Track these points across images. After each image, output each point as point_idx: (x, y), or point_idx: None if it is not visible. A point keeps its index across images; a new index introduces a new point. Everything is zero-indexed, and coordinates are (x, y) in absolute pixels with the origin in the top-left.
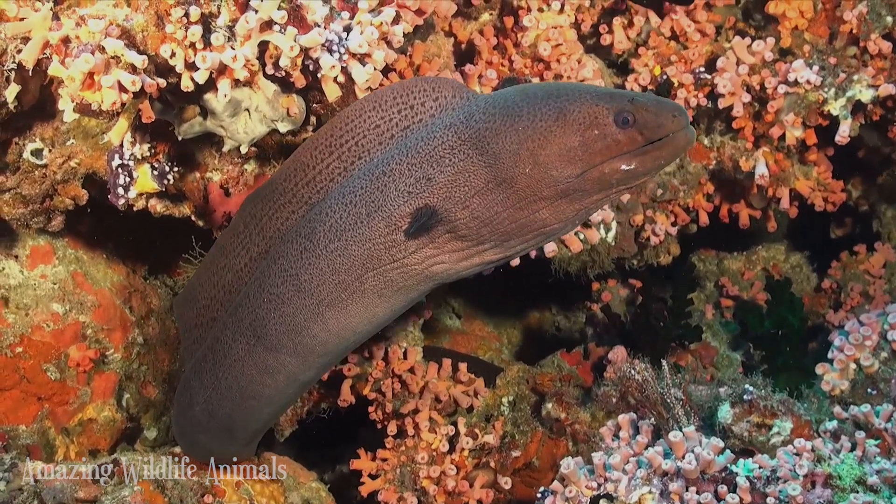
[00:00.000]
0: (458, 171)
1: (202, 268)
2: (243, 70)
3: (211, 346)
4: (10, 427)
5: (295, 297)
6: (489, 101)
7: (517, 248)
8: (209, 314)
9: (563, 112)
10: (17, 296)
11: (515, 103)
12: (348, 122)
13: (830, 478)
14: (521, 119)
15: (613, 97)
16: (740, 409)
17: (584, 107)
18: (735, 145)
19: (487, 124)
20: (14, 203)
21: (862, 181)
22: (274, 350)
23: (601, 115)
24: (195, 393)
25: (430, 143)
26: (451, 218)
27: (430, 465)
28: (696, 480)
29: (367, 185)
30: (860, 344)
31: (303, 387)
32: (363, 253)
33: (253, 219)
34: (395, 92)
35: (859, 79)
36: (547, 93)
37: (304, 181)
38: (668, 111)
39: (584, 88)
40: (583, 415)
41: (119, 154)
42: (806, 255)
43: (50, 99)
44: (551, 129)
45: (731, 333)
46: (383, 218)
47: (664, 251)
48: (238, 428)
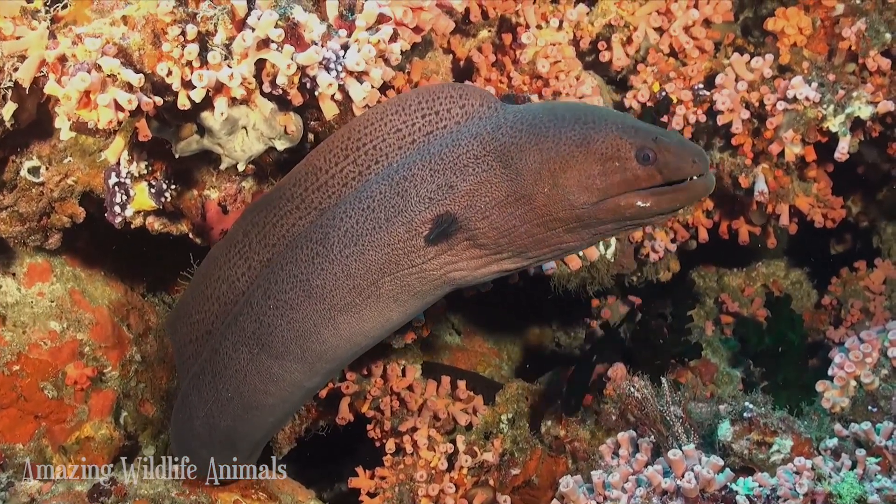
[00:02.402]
0: (481, 181)
1: (194, 282)
2: (240, 88)
3: (209, 358)
4: (6, 445)
5: (305, 303)
6: (517, 116)
7: (535, 259)
8: (204, 328)
9: (587, 140)
10: (15, 313)
11: (543, 122)
12: (368, 126)
13: (831, 496)
14: (547, 140)
15: (638, 132)
16: (740, 426)
17: (608, 137)
18: (734, 162)
19: (513, 139)
20: (11, 221)
21: (862, 197)
22: (279, 357)
23: (624, 148)
24: (194, 407)
25: (455, 150)
26: (470, 227)
27: (428, 483)
28: (695, 499)
29: (387, 189)
30: (860, 361)
31: (307, 394)
32: (381, 258)
33: (254, 227)
34: (420, 96)
35: (858, 95)
36: (575, 116)
37: (315, 185)
38: (690, 155)
39: (612, 117)
40: (582, 432)
41: (116, 172)
42: (806, 271)
43: (47, 117)
44: (574, 155)
45: (731, 350)
46: (403, 223)
47: (664, 268)
48: (240, 439)
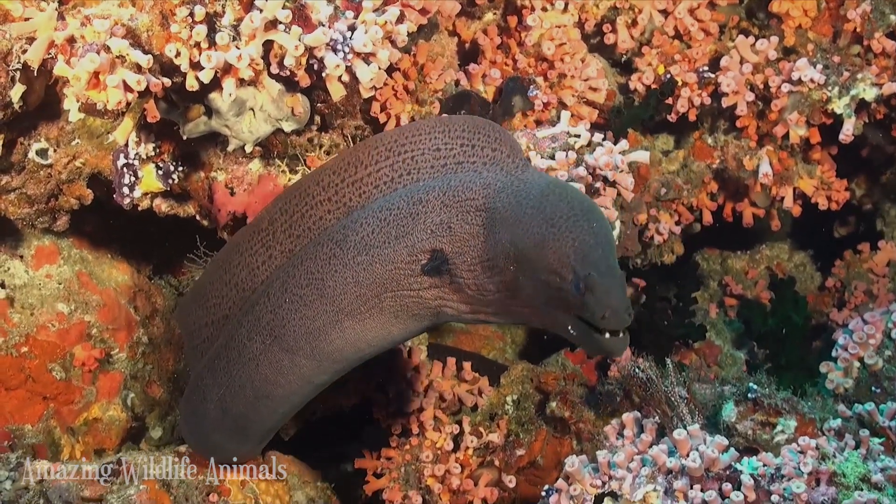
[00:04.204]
0: (474, 234)
1: (213, 266)
2: (248, 69)
3: (225, 343)
4: (15, 426)
5: (317, 302)
6: (521, 186)
7: (518, 322)
8: (221, 312)
9: (543, 244)
10: (23, 295)
11: (528, 205)
12: (415, 135)
13: (835, 475)
14: (520, 224)
15: (586, 260)
16: (744, 407)
17: (559, 251)
18: (739, 144)
19: (503, 208)
20: (19, 203)
21: (866, 180)
22: (290, 351)
23: (566, 268)
24: (209, 390)
25: (466, 193)
26: (457, 273)
27: (434, 463)
28: (700, 478)
29: (404, 208)
30: (864, 342)
31: (316, 389)
32: (385, 273)
33: (283, 214)
34: (466, 124)
35: (863, 77)
36: (553, 215)
37: (351, 179)
38: (605, 309)
39: (583, 226)
40: (587, 413)
41: (124, 153)
42: (810, 253)
43: (55, 99)
44: (529, 251)
45: (735, 332)
46: (407, 246)
47: (668, 250)
48: (252, 426)
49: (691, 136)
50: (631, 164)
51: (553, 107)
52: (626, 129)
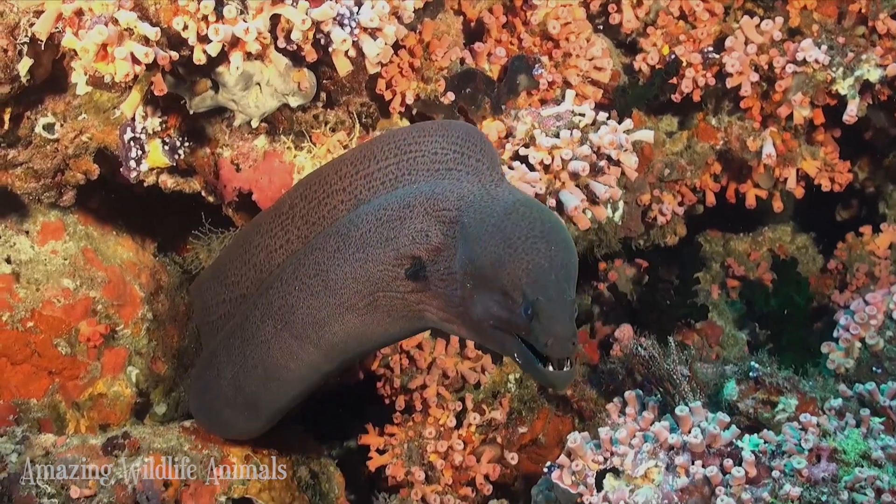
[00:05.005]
0: (447, 245)
1: (233, 244)
2: (255, 43)
3: (240, 323)
4: (21, 400)
5: (322, 293)
6: (486, 202)
7: (477, 339)
8: (238, 290)
9: (498, 263)
10: (28, 271)
11: (490, 222)
12: (420, 135)
13: (835, 452)
14: (479, 241)
15: (537, 284)
16: (746, 385)
17: (513, 271)
18: (742, 125)
19: (468, 223)
20: (26, 177)
21: (868, 163)
22: (299, 338)
23: (516, 290)
24: (223, 367)
25: (443, 203)
26: (432, 281)
27: (437, 440)
28: (702, 454)
29: (396, 210)
30: (865, 323)
31: (325, 377)
32: (377, 273)
33: (302, 200)
34: (461, 131)
35: (867, 58)
36: (513, 231)
37: (364, 172)
38: (550, 336)
39: (540, 249)
40: (589, 392)
41: (131, 127)
42: (812, 236)
43: (62, 73)
44: (486, 269)
45: (737, 312)
46: (394, 249)
47: (671, 231)
48: (263, 406)
49: (695, 118)
50: (635, 143)
51: (558, 86)
52: (630, 109)
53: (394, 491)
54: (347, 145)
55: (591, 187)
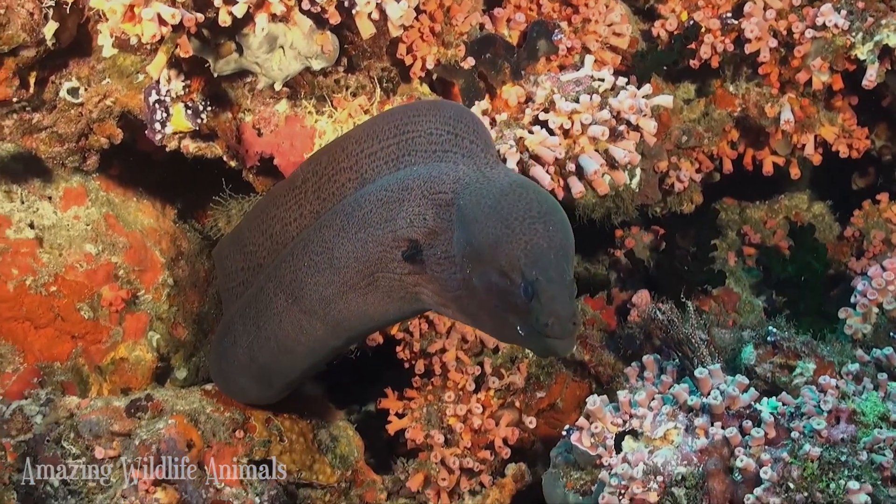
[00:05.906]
0: (444, 229)
1: (252, 213)
2: (280, 4)
3: (255, 294)
4: (45, 364)
5: (327, 271)
6: (482, 184)
7: (475, 324)
8: (256, 260)
9: (496, 244)
10: (51, 236)
11: (487, 203)
12: (415, 115)
13: (854, 414)
14: (476, 223)
15: (537, 264)
16: (764, 350)
17: (511, 252)
18: (760, 91)
19: (464, 205)
20: (50, 141)
21: (886, 130)
22: (308, 313)
23: (516, 270)
24: (239, 336)
25: (439, 186)
26: (429, 264)
27: (456, 403)
28: (721, 416)
29: (395, 191)
30: (883, 288)
31: (334, 352)
32: (376, 253)
33: (314, 175)
34: (452, 111)
35: (887, 23)
36: (510, 212)
37: (368, 150)
38: (551, 315)
39: (538, 229)
40: (606, 357)
41: (156, 90)
42: (828, 204)
43: (86, 38)
44: (483, 251)
45: (754, 279)
46: (391, 231)
47: (687, 199)
48: (276, 377)
49: (713, 85)
50: (654, 108)
51: (577, 52)
52: (649, 75)
53: (413, 454)
54: (368, 110)
55: (610, 152)
